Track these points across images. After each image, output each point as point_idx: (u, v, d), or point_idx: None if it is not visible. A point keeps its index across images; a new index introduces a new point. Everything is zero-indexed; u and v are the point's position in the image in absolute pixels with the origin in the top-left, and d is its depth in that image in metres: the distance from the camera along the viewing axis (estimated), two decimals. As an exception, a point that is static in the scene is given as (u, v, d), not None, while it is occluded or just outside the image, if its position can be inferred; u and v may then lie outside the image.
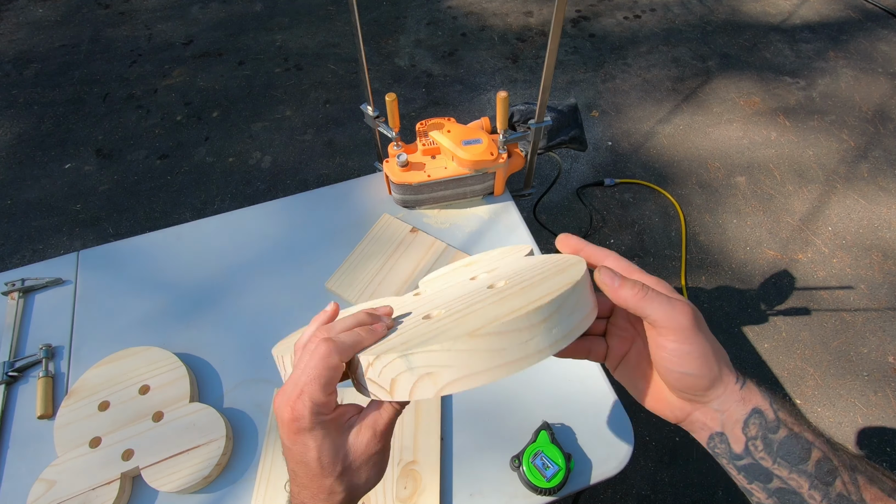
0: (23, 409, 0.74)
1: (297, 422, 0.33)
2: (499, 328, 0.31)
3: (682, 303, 0.35)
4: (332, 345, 0.33)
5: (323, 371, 0.33)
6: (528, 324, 0.31)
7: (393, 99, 0.82)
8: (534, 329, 0.31)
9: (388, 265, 0.86)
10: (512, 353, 0.31)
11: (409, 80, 2.38)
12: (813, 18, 2.62)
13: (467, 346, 0.31)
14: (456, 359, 0.31)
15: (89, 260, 0.89)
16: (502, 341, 0.31)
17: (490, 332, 0.31)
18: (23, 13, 2.80)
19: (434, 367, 0.31)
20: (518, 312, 0.31)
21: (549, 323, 0.32)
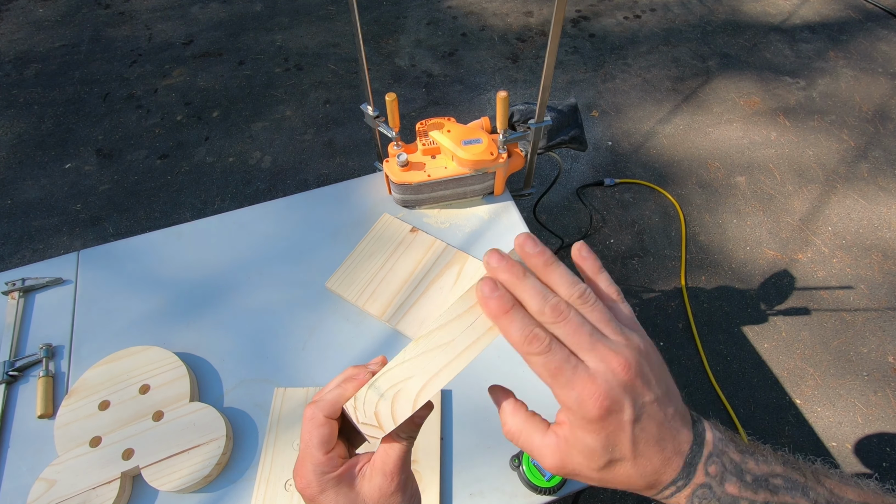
0: (23, 408, 0.74)
1: (307, 488, 0.33)
2: (438, 322, 0.32)
3: (591, 386, 0.28)
4: (315, 405, 0.34)
5: (313, 432, 0.34)
6: (464, 307, 0.32)
7: (393, 99, 0.82)
8: (474, 311, 0.31)
9: (388, 265, 0.86)
10: (463, 341, 0.31)
11: (409, 80, 2.38)
12: (813, 18, 2.62)
13: (416, 352, 0.32)
14: (413, 367, 0.32)
15: (89, 260, 0.89)
16: (447, 334, 0.32)
17: (432, 330, 0.32)
18: (23, 13, 2.80)
19: (398, 383, 0.32)
20: (452, 303, 0.32)
21: None
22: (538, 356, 0.29)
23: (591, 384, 0.28)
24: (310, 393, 0.73)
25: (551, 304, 0.29)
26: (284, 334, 0.80)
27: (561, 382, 0.29)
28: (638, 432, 0.29)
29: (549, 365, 0.29)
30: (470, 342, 0.31)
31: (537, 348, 0.29)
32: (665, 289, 1.72)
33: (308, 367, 0.77)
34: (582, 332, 0.29)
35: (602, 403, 0.28)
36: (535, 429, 0.32)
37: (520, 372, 0.74)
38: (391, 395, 0.32)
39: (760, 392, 1.50)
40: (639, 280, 1.74)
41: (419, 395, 0.32)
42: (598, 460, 0.30)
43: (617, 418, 0.28)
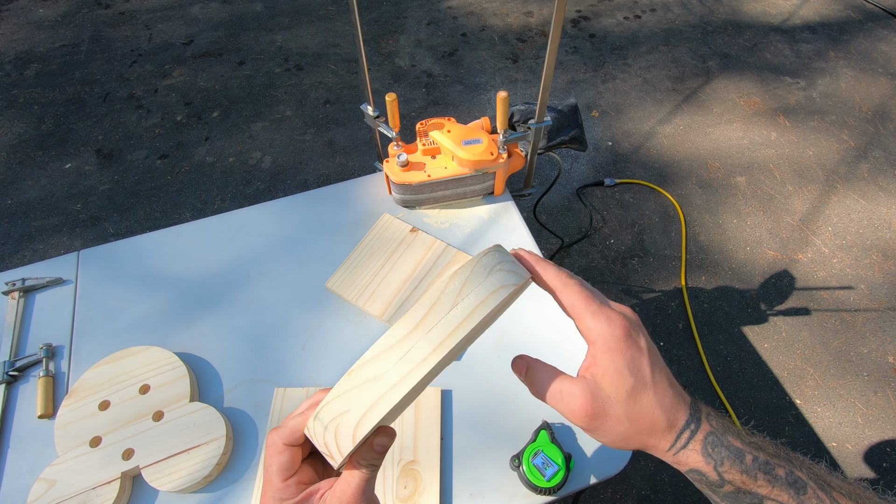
0: (23, 408, 0.74)
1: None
2: (370, 356, 0.30)
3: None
4: (275, 431, 0.35)
5: (272, 459, 0.34)
6: (395, 339, 0.31)
7: (393, 99, 0.82)
8: (406, 341, 0.30)
9: (388, 265, 0.86)
10: (395, 373, 0.30)
11: (410, 80, 2.38)
12: (813, 18, 2.62)
13: (350, 385, 0.31)
14: (349, 401, 0.31)
15: (89, 260, 0.89)
16: (379, 366, 0.30)
17: (363, 362, 0.31)
18: (23, 13, 2.80)
19: (337, 417, 0.31)
20: (385, 333, 0.31)
21: (421, 329, 0.31)
22: (574, 286, 0.35)
23: (615, 313, 0.35)
24: (309, 393, 0.73)
25: None
26: (284, 334, 0.80)
27: (592, 308, 0.34)
28: (653, 361, 0.34)
29: (583, 294, 0.35)
30: (402, 374, 0.30)
31: (573, 280, 0.36)
32: (665, 289, 1.72)
33: (308, 367, 0.77)
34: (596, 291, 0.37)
35: (625, 324, 0.34)
36: (563, 377, 0.35)
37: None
38: (333, 428, 0.31)
39: (760, 392, 1.50)
40: (639, 280, 1.74)
41: (357, 429, 0.30)
42: (625, 383, 0.33)
43: (636, 342, 0.34)
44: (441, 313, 0.31)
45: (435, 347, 0.30)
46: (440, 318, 0.31)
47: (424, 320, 0.31)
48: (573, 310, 0.35)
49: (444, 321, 0.31)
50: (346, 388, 0.31)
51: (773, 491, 0.32)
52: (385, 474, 0.65)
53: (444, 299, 0.31)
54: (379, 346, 0.31)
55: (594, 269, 1.77)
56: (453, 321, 0.31)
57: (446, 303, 0.31)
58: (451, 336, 0.31)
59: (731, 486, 0.33)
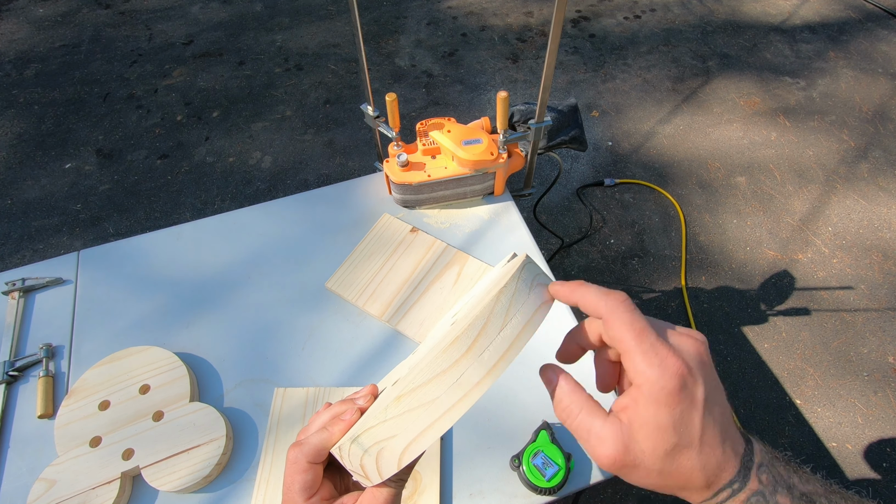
0: (23, 408, 0.74)
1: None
2: (421, 380, 0.29)
3: (673, 357, 0.28)
4: (298, 449, 0.33)
5: (295, 477, 0.33)
6: (448, 363, 0.29)
7: (393, 99, 0.82)
8: (459, 365, 0.29)
9: (388, 265, 0.86)
10: (449, 398, 0.29)
11: (410, 80, 2.38)
12: (813, 18, 2.62)
13: (400, 410, 0.30)
14: (396, 427, 0.30)
15: (89, 260, 0.89)
16: (433, 391, 0.29)
17: (414, 388, 0.29)
18: (23, 13, 2.80)
19: (382, 441, 0.30)
20: (434, 355, 0.29)
21: (473, 352, 0.30)
22: (625, 313, 0.29)
23: (673, 356, 0.28)
24: (310, 393, 0.73)
25: None
26: (284, 334, 0.80)
27: (645, 346, 0.28)
28: (707, 415, 0.28)
29: (636, 324, 0.29)
30: (456, 399, 0.29)
31: (626, 306, 0.29)
32: (665, 289, 1.72)
33: (308, 367, 0.77)
34: (652, 319, 0.31)
35: (682, 372, 0.28)
36: (594, 411, 0.31)
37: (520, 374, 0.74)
38: (375, 452, 0.30)
39: (760, 392, 1.50)
40: (639, 280, 1.74)
41: (404, 455, 0.30)
42: (665, 442, 0.28)
43: (691, 394, 0.28)
44: (492, 335, 0.30)
45: (488, 371, 0.30)
46: (491, 341, 0.30)
47: (477, 342, 0.30)
48: (620, 344, 0.29)
49: (495, 343, 0.30)
50: (395, 413, 0.30)
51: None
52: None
53: (493, 320, 0.30)
54: (432, 370, 0.29)
55: (594, 269, 1.77)
56: (504, 343, 0.30)
57: (496, 323, 0.30)
58: (503, 358, 0.30)
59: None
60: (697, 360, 0.29)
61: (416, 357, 0.40)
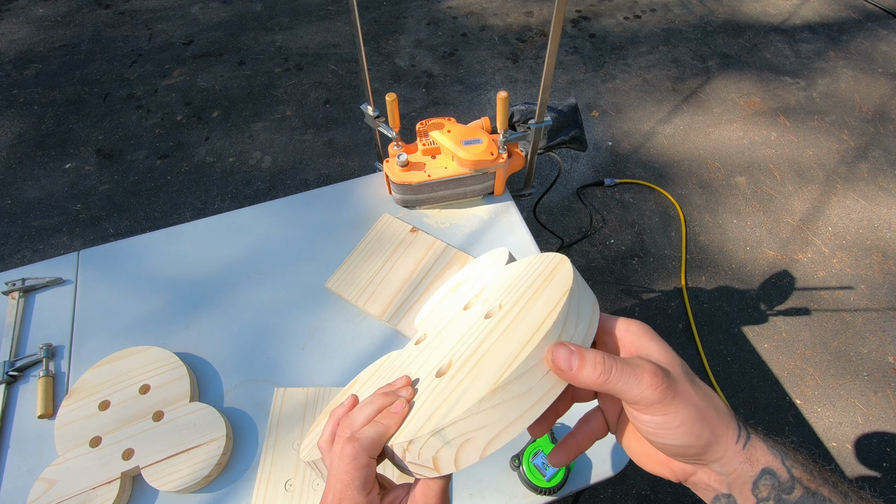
0: (23, 408, 0.74)
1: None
2: (516, 374, 0.30)
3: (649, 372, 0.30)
4: (357, 444, 0.32)
5: (355, 474, 0.32)
6: (541, 355, 0.31)
7: (393, 99, 0.82)
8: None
9: (388, 265, 0.86)
10: (539, 390, 0.30)
11: (410, 80, 2.38)
12: (813, 18, 2.62)
13: (493, 403, 0.30)
14: (487, 418, 0.30)
15: (89, 260, 0.89)
16: (524, 384, 0.30)
17: (509, 381, 0.30)
18: (23, 13, 2.80)
19: (469, 433, 0.30)
20: (528, 348, 0.30)
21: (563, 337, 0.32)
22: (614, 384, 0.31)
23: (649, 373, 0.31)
24: (310, 393, 0.73)
25: None
26: (284, 334, 0.80)
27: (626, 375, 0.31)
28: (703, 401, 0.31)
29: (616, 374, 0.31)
30: (544, 391, 0.31)
31: (610, 368, 0.31)
32: (665, 289, 1.72)
33: (308, 368, 0.77)
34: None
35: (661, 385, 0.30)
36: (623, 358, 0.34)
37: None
38: (458, 443, 0.30)
39: (760, 392, 1.50)
40: (639, 280, 1.74)
41: (489, 446, 0.30)
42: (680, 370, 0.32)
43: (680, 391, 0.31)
44: (570, 331, 0.32)
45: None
46: (571, 336, 0.32)
47: (561, 336, 0.31)
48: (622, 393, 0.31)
49: (574, 338, 0.32)
50: (490, 403, 0.30)
51: (832, 493, 0.30)
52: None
53: (570, 318, 0.32)
54: (526, 364, 0.30)
55: (594, 269, 1.77)
56: (579, 338, 0.32)
57: (572, 322, 0.32)
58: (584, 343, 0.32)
59: (801, 489, 0.30)
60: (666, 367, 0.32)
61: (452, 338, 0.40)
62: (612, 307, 1.68)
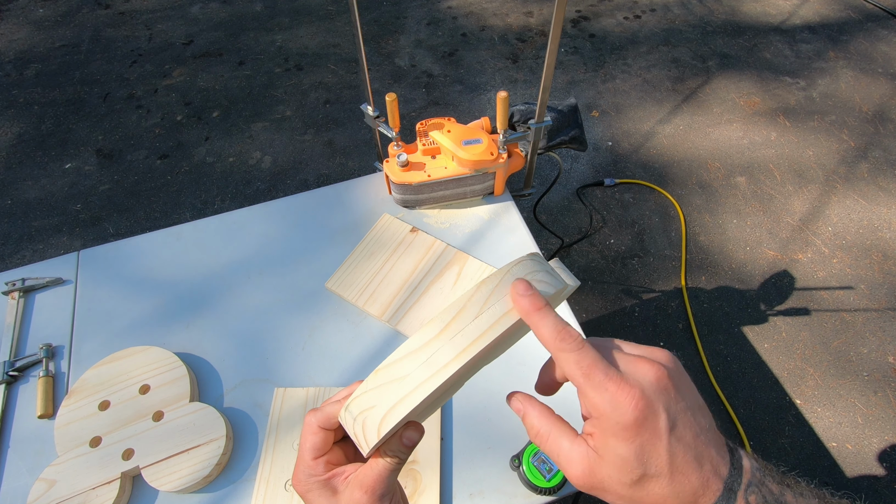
0: (23, 408, 0.74)
1: (297, 485, 0.36)
2: (396, 356, 0.31)
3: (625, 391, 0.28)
4: (312, 414, 0.36)
5: (307, 437, 0.36)
6: (421, 343, 0.31)
7: (393, 99, 0.82)
8: (431, 346, 0.31)
9: (388, 265, 0.86)
10: (418, 375, 0.31)
11: (410, 80, 2.38)
12: (813, 18, 2.62)
13: (377, 383, 0.32)
14: (375, 397, 0.32)
15: (89, 260, 0.89)
16: (403, 367, 0.31)
17: (389, 363, 0.31)
18: (23, 13, 2.80)
19: (365, 411, 0.32)
20: (418, 335, 0.31)
21: (446, 335, 0.31)
22: (570, 353, 0.29)
23: (626, 385, 0.28)
24: (310, 393, 0.73)
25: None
26: (284, 334, 0.80)
27: (594, 382, 0.28)
28: (674, 442, 0.28)
29: (582, 362, 0.29)
30: (424, 377, 0.31)
31: (570, 345, 0.29)
32: (665, 289, 1.72)
33: (308, 368, 0.77)
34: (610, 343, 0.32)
35: (637, 405, 0.27)
36: (563, 433, 0.31)
37: (519, 373, 0.74)
38: (361, 421, 0.32)
39: (760, 392, 1.50)
40: (639, 280, 1.74)
41: (381, 425, 0.31)
42: (630, 473, 0.28)
43: (653, 425, 0.27)
44: (466, 321, 0.31)
45: (457, 354, 0.31)
46: (464, 326, 0.31)
47: (449, 326, 0.31)
48: (573, 381, 0.30)
49: (467, 329, 0.31)
50: (373, 384, 0.32)
51: None
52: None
53: (469, 307, 0.31)
54: (405, 348, 0.31)
55: (594, 269, 1.77)
56: (477, 329, 0.31)
57: (472, 311, 0.31)
58: (473, 344, 0.31)
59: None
60: (655, 388, 0.28)
61: None
62: (612, 307, 1.68)
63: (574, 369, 0.29)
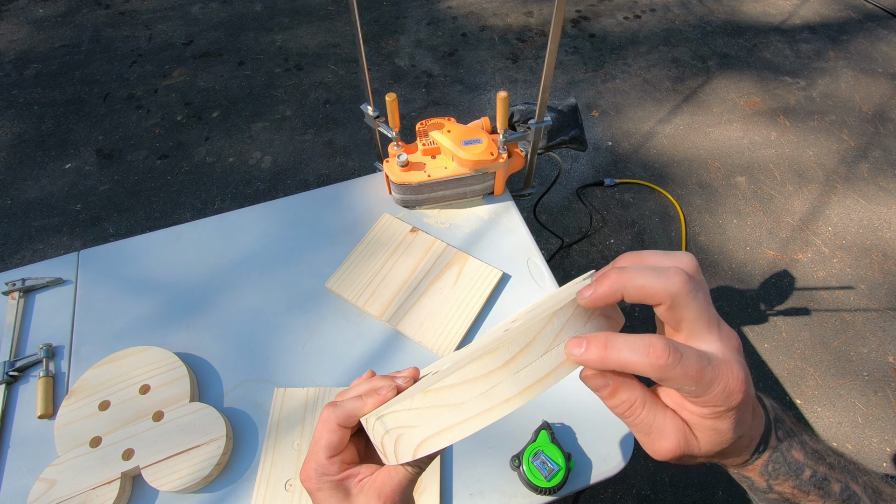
0: (23, 408, 0.74)
1: (307, 482, 0.35)
2: (452, 381, 0.29)
3: (726, 365, 0.27)
4: (331, 410, 0.35)
5: (324, 435, 0.35)
6: (482, 372, 0.28)
7: (393, 99, 0.82)
8: (492, 377, 0.28)
9: (388, 265, 0.86)
10: (473, 407, 0.28)
11: (410, 80, 2.38)
12: (813, 18, 2.62)
13: (425, 404, 0.30)
14: (418, 417, 0.30)
15: (89, 260, 0.89)
16: (460, 394, 0.29)
17: (443, 386, 0.29)
18: (23, 13, 2.80)
19: (402, 427, 0.30)
20: (472, 359, 0.29)
21: (510, 368, 0.28)
22: (673, 366, 0.26)
23: (732, 373, 0.27)
24: (310, 393, 0.73)
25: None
26: (284, 334, 0.80)
27: (706, 382, 0.27)
28: (750, 401, 0.28)
29: (690, 369, 0.26)
30: (481, 410, 0.28)
31: (667, 358, 0.26)
32: (665, 289, 1.71)
33: (308, 367, 0.77)
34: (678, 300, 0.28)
35: (743, 388, 0.27)
36: (655, 406, 0.29)
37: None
38: (395, 435, 0.31)
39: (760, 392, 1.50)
40: (639, 280, 1.73)
41: (420, 447, 0.30)
42: (724, 441, 0.29)
43: (749, 395, 0.28)
44: (534, 355, 0.28)
45: (520, 391, 0.28)
46: (531, 361, 0.28)
47: (516, 359, 0.28)
48: (681, 391, 0.28)
49: (534, 365, 0.28)
50: (421, 405, 0.30)
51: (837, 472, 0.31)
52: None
53: (539, 340, 0.29)
54: (464, 374, 0.29)
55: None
56: (544, 367, 0.29)
57: (541, 345, 0.29)
58: (539, 383, 0.28)
59: (778, 496, 0.31)
60: (739, 353, 0.28)
61: (462, 353, 0.40)
62: (612, 307, 1.68)
63: (684, 380, 0.27)
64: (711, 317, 0.28)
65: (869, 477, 0.32)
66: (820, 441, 0.32)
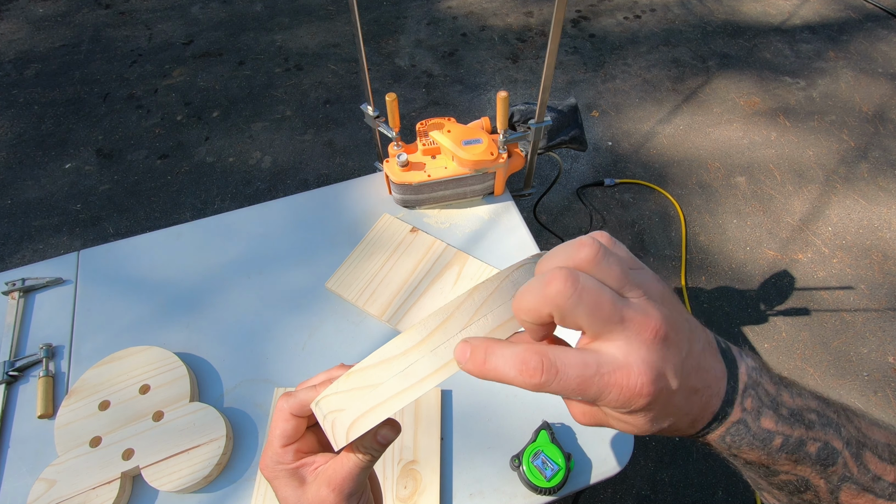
0: (23, 408, 0.74)
1: (264, 470, 0.36)
2: (370, 361, 0.29)
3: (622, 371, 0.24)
4: (285, 400, 0.35)
5: (278, 423, 0.35)
6: (399, 351, 0.28)
7: (393, 99, 0.82)
8: (409, 355, 0.28)
9: (388, 265, 0.86)
10: (392, 386, 0.28)
11: (410, 80, 2.38)
12: (813, 18, 2.62)
13: (348, 386, 0.30)
14: (344, 400, 0.30)
15: (89, 260, 0.89)
16: (378, 375, 0.28)
17: (363, 367, 0.29)
18: (23, 13, 2.80)
19: (335, 412, 0.30)
20: (395, 338, 0.29)
21: (426, 345, 0.28)
22: (549, 384, 0.25)
23: (632, 376, 0.24)
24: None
25: None
26: (284, 334, 0.80)
27: (593, 393, 0.25)
28: (676, 393, 0.26)
29: (569, 383, 0.25)
30: (399, 389, 0.28)
31: (539, 376, 0.25)
32: (665, 289, 1.71)
33: (308, 368, 0.77)
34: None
35: (652, 391, 0.25)
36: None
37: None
38: (331, 420, 0.31)
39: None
40: (639, 280, 1.74)
41: (350, 430, 0.30)
42: (643, 430, 0.27)
43: (663, 393, 0.25)
44: (452, 331, 0.28)
45: (437, 368, 0.27)
46: (449, 337, 0.27)
47: (432, 336, 0.28)
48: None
49: (452, 341, 0.27)
50: (344, 387, 0.30)
51: (795, 468, 0.29)
52: (385, 474, 0.65)
53: (458, 315, 0.27)
54: (381, 354, 0.29)
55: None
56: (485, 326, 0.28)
57: (460, 320, 0.27)
58: None
59: (743, 462, 0.30)
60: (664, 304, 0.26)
61: None
62: (612, 307, 1.68)
63: (568, 395, 0.25)
64: (612, 311, 0.24)
65: (859, 422, 0.31)
66: (803, 394, 0.30)
